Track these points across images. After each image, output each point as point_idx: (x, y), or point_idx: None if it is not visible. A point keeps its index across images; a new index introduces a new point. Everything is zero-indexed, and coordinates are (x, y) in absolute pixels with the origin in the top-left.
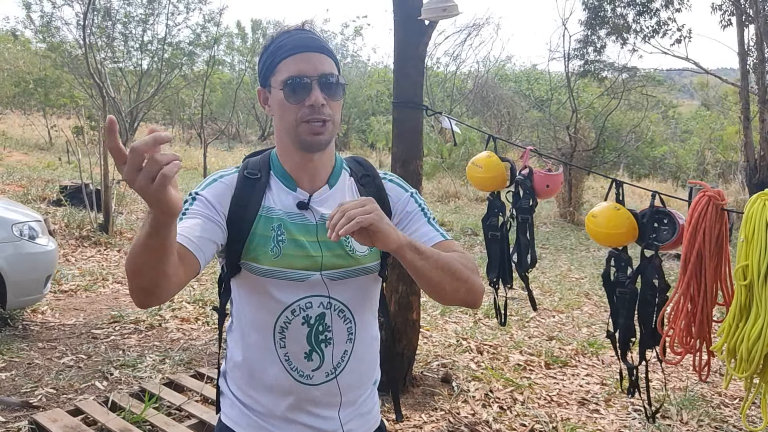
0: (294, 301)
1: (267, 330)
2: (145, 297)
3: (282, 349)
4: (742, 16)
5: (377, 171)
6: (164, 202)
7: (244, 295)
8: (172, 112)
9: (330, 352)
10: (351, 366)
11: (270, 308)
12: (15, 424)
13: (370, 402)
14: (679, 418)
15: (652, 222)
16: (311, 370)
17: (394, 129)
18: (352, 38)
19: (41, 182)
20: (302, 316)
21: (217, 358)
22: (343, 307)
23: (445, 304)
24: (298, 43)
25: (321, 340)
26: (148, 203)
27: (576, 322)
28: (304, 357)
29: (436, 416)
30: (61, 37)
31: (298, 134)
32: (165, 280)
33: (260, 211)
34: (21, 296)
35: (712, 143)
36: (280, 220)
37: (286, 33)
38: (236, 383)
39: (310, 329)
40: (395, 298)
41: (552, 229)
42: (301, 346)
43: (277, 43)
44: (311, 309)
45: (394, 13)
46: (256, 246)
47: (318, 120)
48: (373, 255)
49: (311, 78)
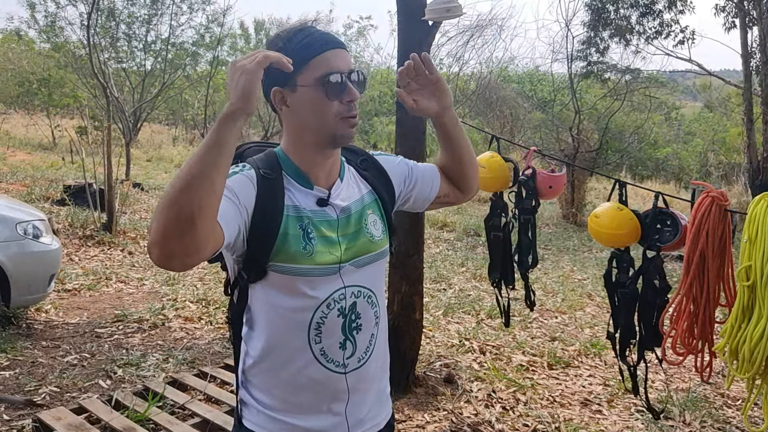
0: (329, 295)
1: (301, 329)
2: (185, 230)
3: (317, 345)
4: (746, 18)
5: (367, 152)
6: (249, 84)
7: (272, 298)
8: (176, 112)
9: (361, 338)
10: (377, 350)
11: (304, 306)
12: (19, 423)
13: (387, 390)
14: (682, 419)
15: (654, 223)
16: (345, 358)
17: (397, 129)
18: (356, 39)
19: (45, 182)
20: (337, 308)
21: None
22: (370, 293)
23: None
24: (326, 39)
25: (353, 328)
26: (236, 84)
27: (578, 323)
28: (339, 347)
29: (439, 416)
30: (65, 37)
31: (334, 130)
32: (212, 200)
33: (286, 211)
34: (25, 295)
35: (715, 145)
36: (308, 219)
37: (302, 32)
38: (262, 389)
39: (345, 319)
40: (398, 298)
41: (555, 230)
42: (336, 337)
43: (299, 42)
44: (344, 300)
45: (397, 14)
46: (289, 247)
47: (354, 115)
48: (385, 238)
49: (345, 74)
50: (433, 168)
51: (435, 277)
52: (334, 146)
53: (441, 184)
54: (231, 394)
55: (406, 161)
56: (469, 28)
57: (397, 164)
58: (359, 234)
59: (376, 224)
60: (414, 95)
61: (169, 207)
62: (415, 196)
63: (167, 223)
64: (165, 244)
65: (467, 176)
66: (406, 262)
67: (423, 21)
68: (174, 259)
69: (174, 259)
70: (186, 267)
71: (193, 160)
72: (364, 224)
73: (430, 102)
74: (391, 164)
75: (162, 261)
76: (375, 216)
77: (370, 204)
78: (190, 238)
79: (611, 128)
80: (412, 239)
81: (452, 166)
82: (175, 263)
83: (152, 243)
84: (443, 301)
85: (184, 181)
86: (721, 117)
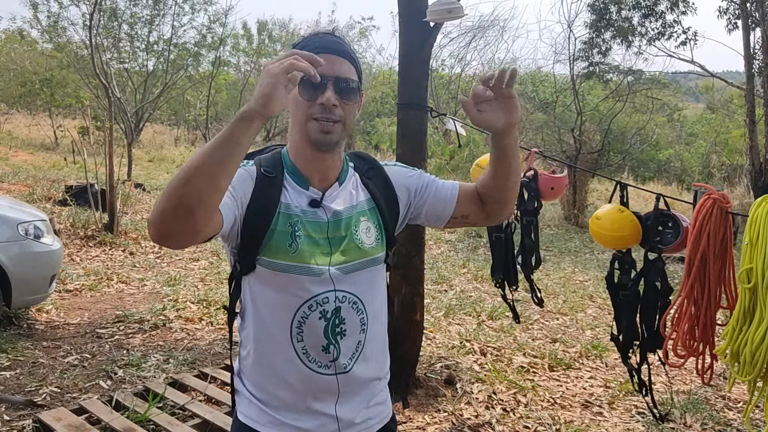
0: (311, 297)
1: (284, 326)
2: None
3: (299, 343)
4: (748, 20)
5: (379, 162)
6: (272, 88)
7: (260, 292)
8: (178, 112)
9: (345, 343)
10: (365, 355)
11: (287, 304)
12: (19, 423)
13: (383, 393)
14: (683, 421)
15: (656, 225)
16: (329, 361)
17: (398, 130)
18: (358, 40)
19: (47, 182)
20: (319, 311)
21: (230, 357)
22: (356, 299)
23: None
24: (323, 44)
25: (337, 333)
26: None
27: (580, 324)
28: (322, 350)
29: (440, 418)
30: (67, 38)
31: (307, 130)
32: (214, 196)
33: (279, 208)
34: (26, 295)
35: (717, 146)
36: (297, 217)
37: (315, 35)
38: (252, 381)
39: (327, 323)
40: (399, 299)
41: (556, 232)
42: (318, 339)
43: (304, 43)
44: (327, 303)
45: (399, 15)
46: (275, 242)
47: (328, 119)
48: (379, 246)
49: (327, 78)
50: (454, 186)
51: (436, 278)
52: (315, 148)
53: (460, 204)
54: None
55: (425, 176)
56: (471, 29)
57: (409, 177)
58: (347, 239)
59: (369, 231)
60: (480, 106)
61: (173, 193)
62: (426, 212)
63: (167, 208)
64: (162, 226)
65: (505, 201)
66: (407, 264)
67: (425, 22)
68: (170, 239)
69: (170, 239)
70: (181, 246)
71: (202, 153)
72: (354, 230)
73: (497, 115)
74: (401, 176)
75: (158, 239)
76: (369, 224)
77: (365, 211)
78: (187, 225)
79: (613, 129)
80: (413, 240)
81: (496, 187)
82: (170, 243)
83: (151, 221)
84: (444, 302)
85: (189, 173)
86: (724, 118)
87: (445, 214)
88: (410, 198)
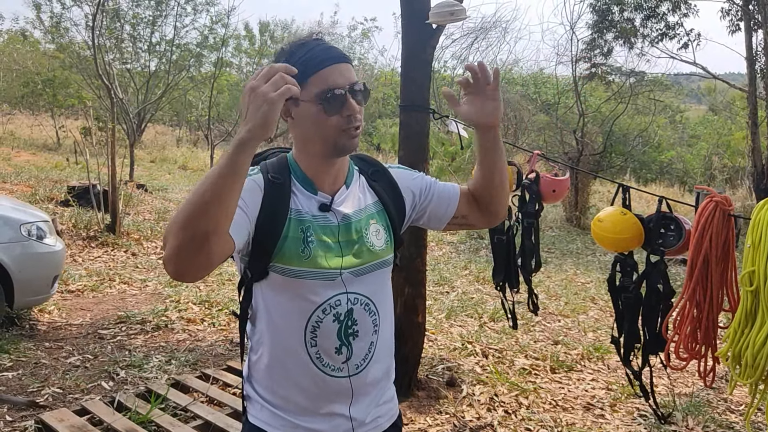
0: (325, 300)
1: (297, 330)
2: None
3: (313, 348)
4: (751, 21)
5: (382, 164)
6: (271, 113)
7: (272, 298)
8: (180, 113)
9: (358, 344)
10: (377, 356)
11: (301, 309)
12: (21, 424)
13: (390, 391)
14: (685, 424)
15: (658, 227)
16: (341, 363)
17: (400, 132)
18: (360, 41)
19: (49, 183)
20: (333, 314)
21: (241, 362)
22: (368, 301)
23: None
24: (325, 55)
25: (349, 334)
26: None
27: (582, 326)
28: (335, 351)
29: (441, 419)
30: (69, 38)
31: (336, 142)
32: (224, 222)
33: (289, 214)
34: (28, 296)
35: (719, 148)
36: (308, 222)
37: (303, 47)
38: (264, 385)
39: (340, 325)
40: (401, 300)
41: (558, 234)
42: (331, 342)
43: (299, 58)
44: (340, 306)
45: (401, 16)
46: (288, 248)
47: (356, 127)
48: (388, 248)
49: (344, 89)
50: (455, 187)
51: (438, 279)
52: (338, 155)
53: (460, 204)
54: (233, 397)
55: (427, 177)
56: (474, 30)
57: (414, 179)
58: (359, 242)
59: (379, 234)
60: (464, 99)
61: (184, 228)
62: (429, 213)
63: (182, 243)
64: (179, 261)
65: (495, 200)
66: (409, 265)
67: (427, 24)
68: (188, 274)
69: (187, 275)
70: (198, 279)
71: (207, 183)
72: (365, 233)
73: (479, 111)
74: (405, 178)
75: (177, 275)
76: (378, 226)
77: (374, 214)
78: (203, 256)
79: (615, 131)
80: (415, 242)
81: (483, 186)
82: (188, 278)
83: (167, 259)
84: (446, 303)
85: (198, 205)
86: (726, 120)
87: (447, 215)
88: (415, 199)
